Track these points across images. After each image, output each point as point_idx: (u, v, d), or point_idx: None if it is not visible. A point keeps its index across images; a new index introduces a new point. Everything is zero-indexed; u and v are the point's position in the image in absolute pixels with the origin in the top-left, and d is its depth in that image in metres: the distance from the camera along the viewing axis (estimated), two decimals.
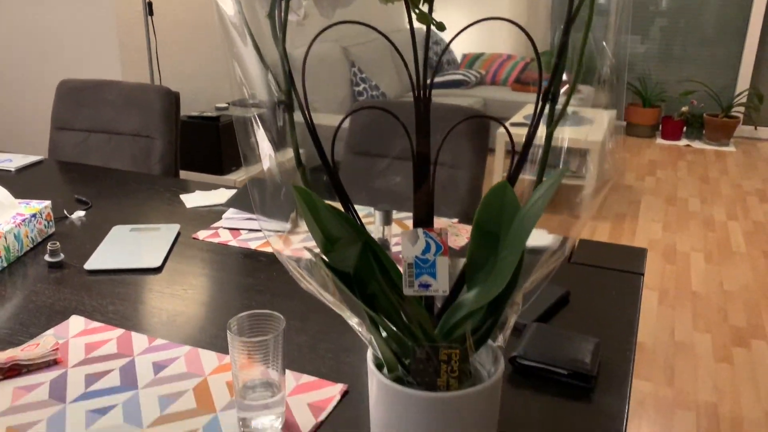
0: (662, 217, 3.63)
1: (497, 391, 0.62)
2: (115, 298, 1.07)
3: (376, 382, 0.61)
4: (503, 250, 0.58)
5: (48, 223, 1.30)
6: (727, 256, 3.14)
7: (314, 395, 0.83)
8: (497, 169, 3.53)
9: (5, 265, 1.17)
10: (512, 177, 0.61)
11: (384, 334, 0.62)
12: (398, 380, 0.60)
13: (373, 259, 0.56)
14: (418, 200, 0.59)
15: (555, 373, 0.86)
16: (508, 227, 0.60)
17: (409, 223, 1.40)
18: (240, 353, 0.73)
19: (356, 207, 0.60)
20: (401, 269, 0.56)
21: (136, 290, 1.10)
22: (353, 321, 0.61)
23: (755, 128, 5.37)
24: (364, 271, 0.57)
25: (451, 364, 0.58)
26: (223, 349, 0.93)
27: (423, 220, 0.59)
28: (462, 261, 0.65)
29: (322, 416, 0.79)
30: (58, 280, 1.13)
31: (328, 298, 0.61)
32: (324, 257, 0.60)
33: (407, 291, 0.56)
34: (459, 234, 1.36)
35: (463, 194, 1.71)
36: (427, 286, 0.56)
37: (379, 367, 0.62)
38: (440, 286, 0.56)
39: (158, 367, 0.88)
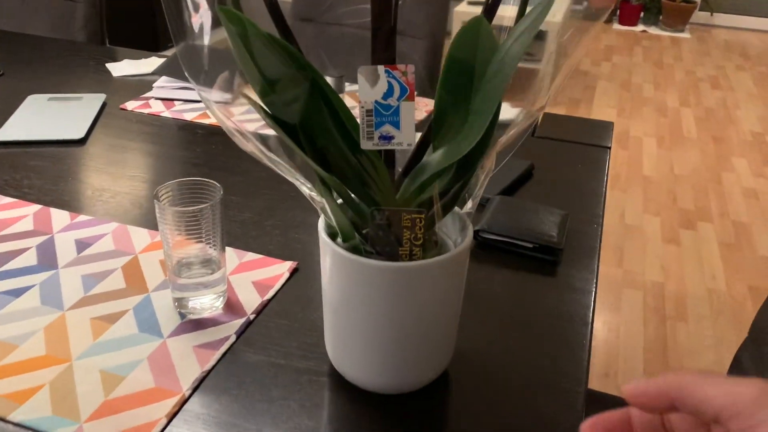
0: (617, 103, 3.59)
1: (465, 261, 0.55)
2: (31, 172, 0.95)
3: (329, 253, 0.53)
4: (477, 97, 0.49)
5: None
6: (679, 141, 3.15)
7: (260, 273, 0.75)
8: None
9: None
10: (490, 9, 0.51)
11: (338, 199, 0.53)
12: (355, 250, 0.52)
13: (323, 105, 0.47)
14: (378, 33, 0.48)
15: (520, 246, 0.80)
16: (483, 72, 0.51)
17: None
18: (171, 226, 0.63)
19: None
20: (358, 118, 0.47)
21: (56, 164, 0.97)
22: (304, 187, 0.52)
23: (711, 14, 5.29)
24: (312, 120, 0.47)
25: (414, 231, 0.50)
26: (155, 226, 0.83)
27: (383, 58, 0.49)
28: (426, 123, 0.56)
29: (269, 294, 0.71)
30: None
31: (272, 158, 0.51)
32: (263, 105, 0.49)
33: (365, 144, 0.47)
34: (417, 107, 1.26)
35: (419, 67, 1.59)
36: (389, 138, 0.46)
37: (332, 236, 0.54)
38: (405, 138, 0.47)
39: (81, 245, 0.78)
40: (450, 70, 0.52)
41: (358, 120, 0.47)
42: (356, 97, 1.26)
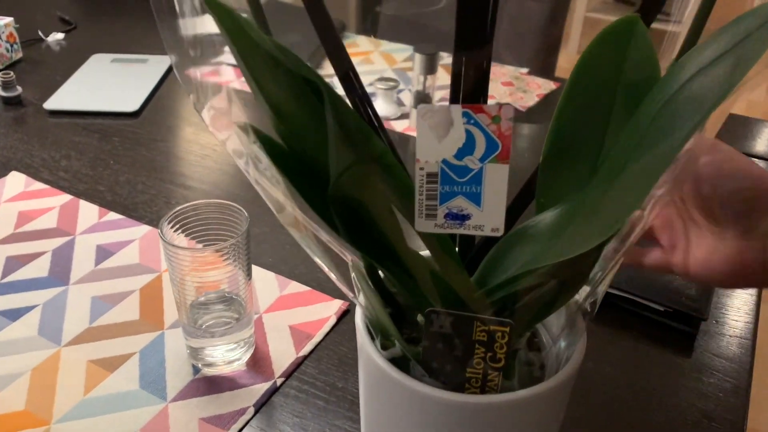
0: None
1: (569, 388, 0.36)
2: (72, 149, 0.84)
3: (365, 359, 0.36)
4: (626, 145, 0.30)
5: (12, 46, 1.05)
6: None
7: (301, 313, 0.60)
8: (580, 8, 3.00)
9: None
10: (647, 10, 0.31)
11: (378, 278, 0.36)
12: (401, 362, 0.35)
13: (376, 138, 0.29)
14: (463, 36, 0.30)
15: (644, 307, 0.60)
16: (632, 102, 0.31)
17: None
18: (179, 266, 0.49)
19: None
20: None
21: (101, 141, 0.86)
22: (325, 256, 0.35)
23: None
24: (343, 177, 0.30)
25: (493, 349, 0.33)
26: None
27: (471, 86, 0.31)
28: (525, 135, 0.37)
29: (306, 349, 0.56)
30: (10, 122, 0.90)
31: (287, 212, 0.35)
32: (273, 138, 0.33)
33: (422, 225, 0.29)
34: (528, 90, 1.05)
35: (537, 34, 1.36)
36: (462, 217, 0.29)
37: (374, 331, 0.37)
38: (489, 219, 0.28)
39: (103, 252, 0.66)
40: (576, 94, 0.33)
41: (415, 182, 0.29)
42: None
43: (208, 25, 0.33)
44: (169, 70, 1.06)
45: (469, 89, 0.32)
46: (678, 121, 0.26)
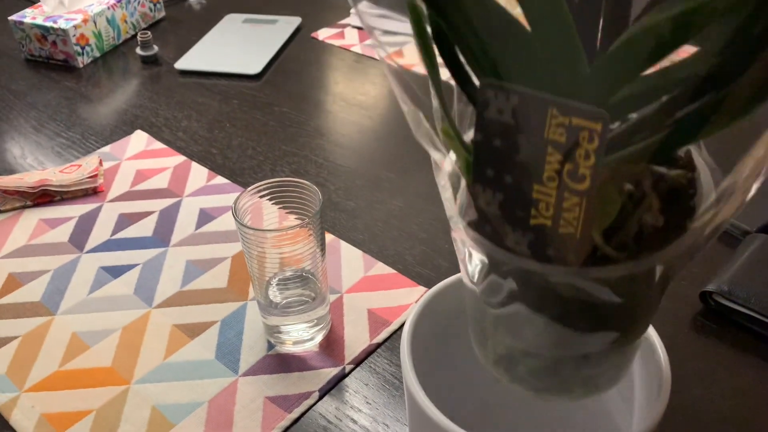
0: None
1: None
2: (194, 110, 0.86)
3: (408, 393, 0.33)
4: None
5: (155, 6, 1.10)
6: None
7: (383, 297, 0.57)
8: None
9: (98, 55, 1.01)
10: None
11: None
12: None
13: None
14: None
15: None
16: None
17: None
18: (253, 246, 0.48)
19: None
20: None
21: (221, 103, 0.88)
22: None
23: None
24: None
25: (573, 158, 0.20)
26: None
27: None
28: None
29: (381, 336, 0.54)
30: (144, 80, 0.94)
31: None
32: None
33: None
34: None
35: None
36: None
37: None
38: None
39: (204, 216, 0.68)
40: None
41: None
42: None
43: None
44: (296, 31, 1.06)
45: None
46: None
